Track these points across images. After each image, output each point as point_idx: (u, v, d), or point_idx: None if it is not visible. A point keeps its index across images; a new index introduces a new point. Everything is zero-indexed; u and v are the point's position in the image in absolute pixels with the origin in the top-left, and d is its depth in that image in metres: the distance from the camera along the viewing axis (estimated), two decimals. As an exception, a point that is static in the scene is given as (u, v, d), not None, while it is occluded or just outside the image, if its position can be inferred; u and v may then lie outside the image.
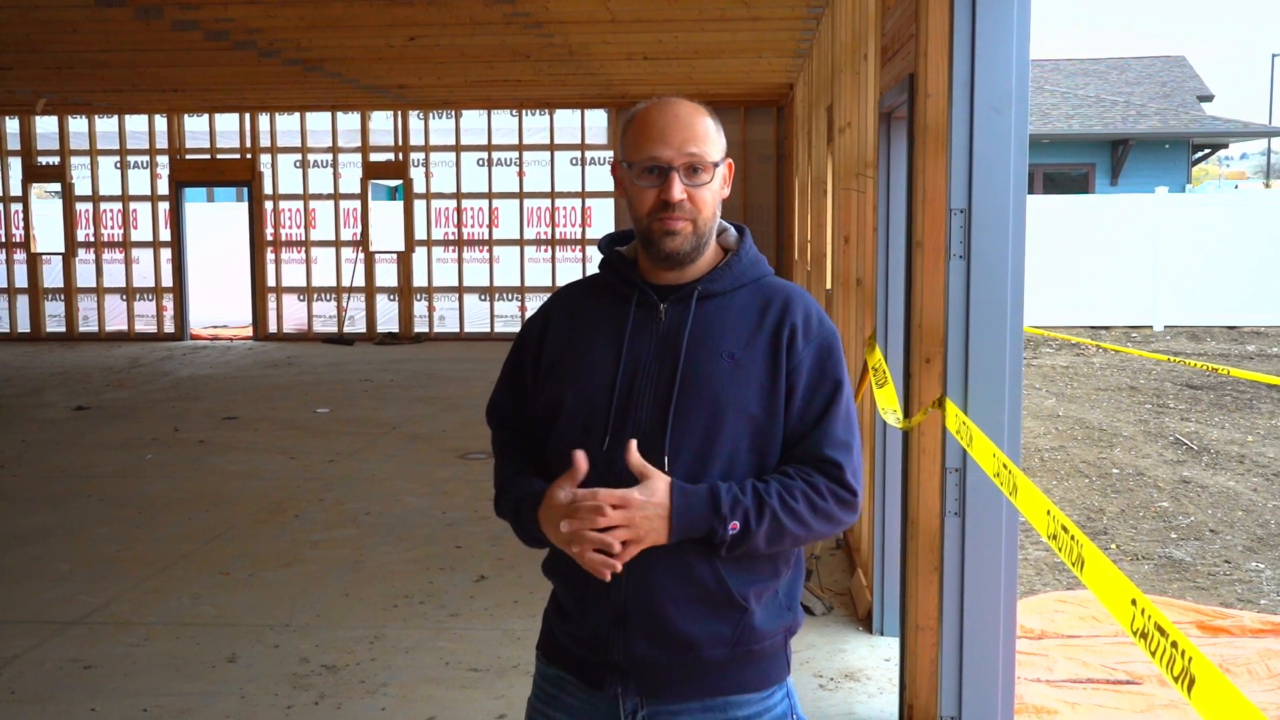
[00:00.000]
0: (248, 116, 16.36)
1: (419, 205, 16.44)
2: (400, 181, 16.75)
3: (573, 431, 2.02)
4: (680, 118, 2.00)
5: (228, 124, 16.45)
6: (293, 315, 16.73)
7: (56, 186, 17.00)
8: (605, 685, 2.01)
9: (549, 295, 2.21)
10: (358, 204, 16.55)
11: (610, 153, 16.21)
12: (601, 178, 16.29)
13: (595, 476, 1.98)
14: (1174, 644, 1.66)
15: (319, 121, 16.38)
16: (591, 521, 1.86)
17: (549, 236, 16.40)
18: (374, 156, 16.37)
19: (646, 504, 1.87)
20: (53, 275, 16.85)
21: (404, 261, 16.46)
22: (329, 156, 16.48)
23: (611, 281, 2.10)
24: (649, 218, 2.00)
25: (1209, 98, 26.16)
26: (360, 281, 16.60)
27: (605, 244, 2.15)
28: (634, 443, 1.90)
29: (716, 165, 2.00)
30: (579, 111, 16.08)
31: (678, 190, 1.97)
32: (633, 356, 2.01)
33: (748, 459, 1.97)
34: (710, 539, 1.91)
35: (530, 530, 2.02)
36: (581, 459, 1.91)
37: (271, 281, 16.66)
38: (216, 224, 18.25)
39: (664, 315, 2.03)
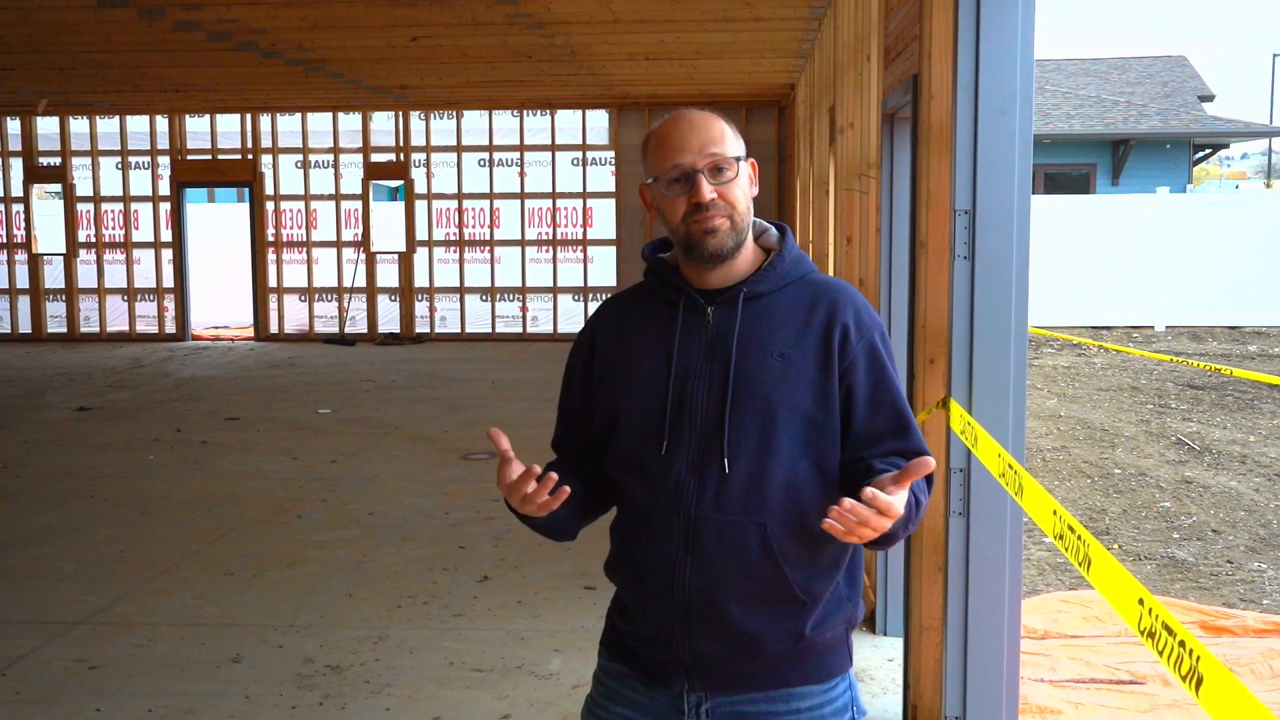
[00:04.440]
0: (249, 117, 16.36)
1: (420, 206, 16.45)
2: (401, 182, 16.75)
3: (631, 439, 2.05)
4: (695, 124, 2.03)
5: (229, 124, 16.46)
6: (294, 316, 16.73)
7: (58, 187, 17.00)
8: (671, 682, 2.04)
9: (593, 311, 2.24)
10: (359, 204, 16.55)
11: (611, 153, 16.21)
12: (603, 178, 16.29)
13: (654, 480, 2.02)
14: (1182, 643, 1.66)
15: (320, 122, 16.38)
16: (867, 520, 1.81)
17: (550, 237, 16.40)
18: (375, 157, 16.37)
19: (889, 510, 1.83)
20: (54, 276, 16.85)
21: (405, 262, 16.46)
22: (330, 157, 16.49)
23: (657, 288, 2.12)
24: (684, 223, 2.02)
25: (1210, 98, 26.16)
26: (361, 282, 16.61)
27: (649, 251, 2.17)
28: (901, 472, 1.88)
29: (739, 160, 2.03)
30: (580, 112, 16.08)
31: (707, 190, 2.00)
32: (683, 360, 2.04)
33: (805, 456, 2.00)
34: (880, 543, 1.94)
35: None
36: (500, 438, 1.95)
37: (273, 282, 16.66)
38: (218, 224, 18.23)
39: (711, 318, 2.05)
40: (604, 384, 2.11)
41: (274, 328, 16.63)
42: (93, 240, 16.75)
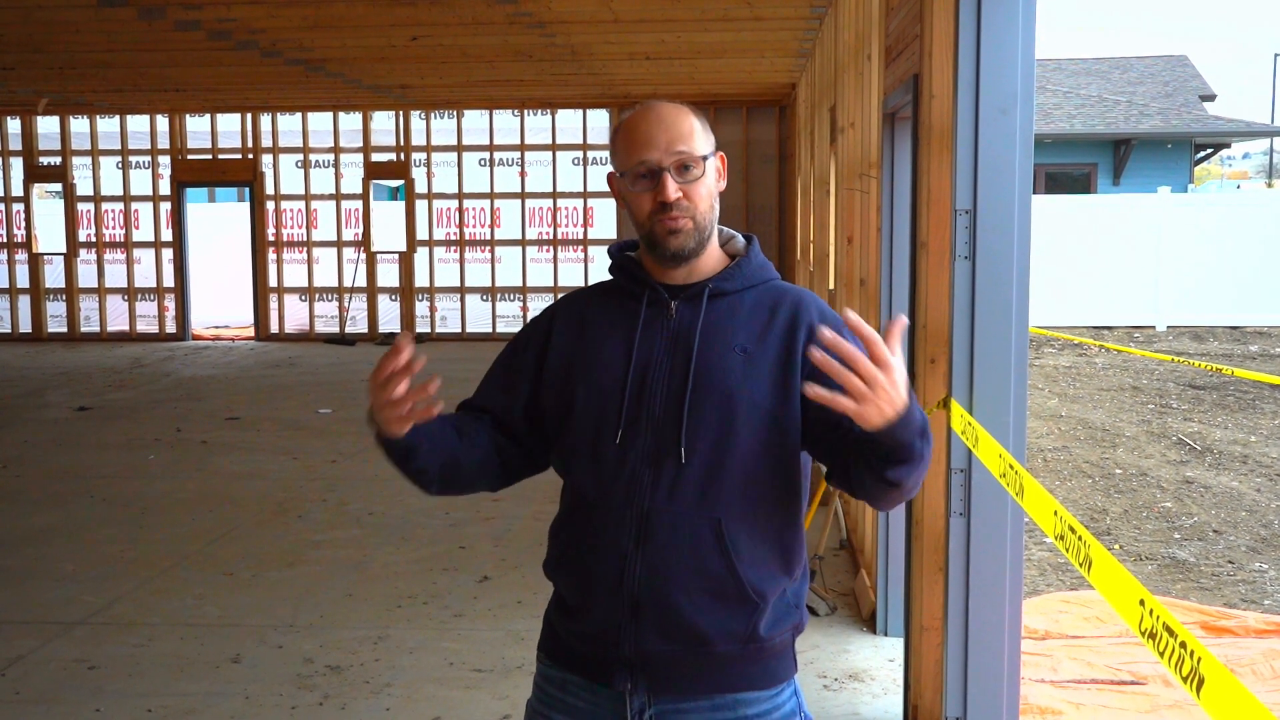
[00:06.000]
0: (249, 116, 16.36)
1: (421, 205, 16.45)
2: (402, 181, 16.75)
3: (585, 426, 2.02)
4: (664, 120, 2.02)
5: (229, 124, 16.46)
6: (294, 315, 16.73)
7: (58, 187, 17.00)
8: (614, 681, 2.00)
9: (552, 301, 2.22)
10: (359, 204, 16.55)
11: (612, 153, 16.19)
12: (603, 178, 16.22)
13: (608, 470, 1.99)
14: (1183, 644, 1.66)
15: (321, 121, 16.37)
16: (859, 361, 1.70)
17: (551, 237, 16.40)
18: (376, 156, 16.37)
19: (896, 376, 1.72)
20: (54, 275, 16.85)
21: (406, 262, 16.46)
22: (331, 157, 16.48)
23: (622, 282, 2.11)
24: (649, 220, 2.01)
25: (1211, 97, 26.15)
26: (362, 282, 16.60)
27: (615, 249, 2.16)
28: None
29: (706, 159, 2.02)
30: (581, 111, 16.07)
31: (672, 189, 1.99)
32: (644, 351, 2.02)
33: (763, 452, 1.98)
34: (904, 454, 1.82)
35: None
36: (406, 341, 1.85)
37: (273, 282, 16.66)
38: (218, 224, 18.25)
39: (675, 312, 2.04)
40: (559, 372, 2.08)
41: (274, 327, 16.63)
42: (93, 240, 16.75)
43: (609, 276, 2.17)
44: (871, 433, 1.78)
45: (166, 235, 16.68)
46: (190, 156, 16.60)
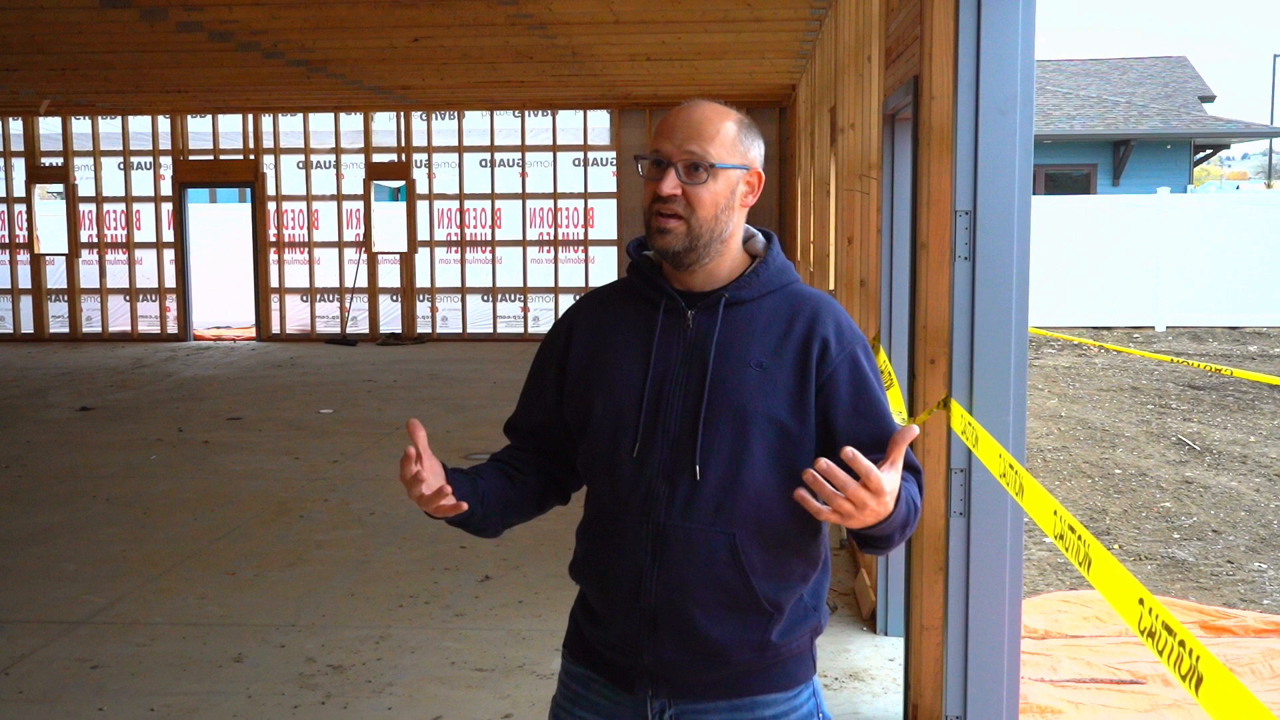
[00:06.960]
0: (251, 117, 16.37)
1: (422, 206, 16.46)
2: (403, 182, 16.76)
3: (603, 438, 2.03)
4: (693, 117, 1.99)
5: (231, 125, 16.47)
6: (296, 316, 16.74)
7: (60, 187, 17.01)
8: (635, 688, 2.02)
9: (553, 300, 2.22)
10: (360, 205, 16.56)
11: (613, 154, 16.24)
12: (604, 179, 16.31)
13: (624, 484, 2.00)
14: (1181, 643, 1.67)
15: (322, 122, 16.39)
16: (836, 495, 1.73)
17: (551, 237, 16.41)
18: (377, 157, 16.38)
19: (887, 499, 1.77)
20: (56, 276, 16.86)
21: (407, 262, 16.48)
22: (332, 157, 16.50)
23: (640, 287, 2.09)
24: (648, 211, 2.00)
25: (1210, 98, 26.15)
26: (363, 282, 16.62)
27: (634, 247, 2.13)
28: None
29: (721, 168, 1.97)
30: (581, 113, 16.09)
31: (669, 184, 1.95)
32: (661, 364, 2.01)
33: (778, 467, 1.97)
34: (881, 544, 1.93)
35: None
36: (417, 430, 1.98)
37: (274, 282, 16.67)
38: (219, 225, 18.25)
39: (691, 322, 2.02)
40: (578, 380, 2.08)
41: (276, 328, 16.64)
42: (95, 240, 16.77)
43: (625, 275, 2.15)
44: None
45: (168, 236, 16.70)
46: (192, 157, 16.61)
